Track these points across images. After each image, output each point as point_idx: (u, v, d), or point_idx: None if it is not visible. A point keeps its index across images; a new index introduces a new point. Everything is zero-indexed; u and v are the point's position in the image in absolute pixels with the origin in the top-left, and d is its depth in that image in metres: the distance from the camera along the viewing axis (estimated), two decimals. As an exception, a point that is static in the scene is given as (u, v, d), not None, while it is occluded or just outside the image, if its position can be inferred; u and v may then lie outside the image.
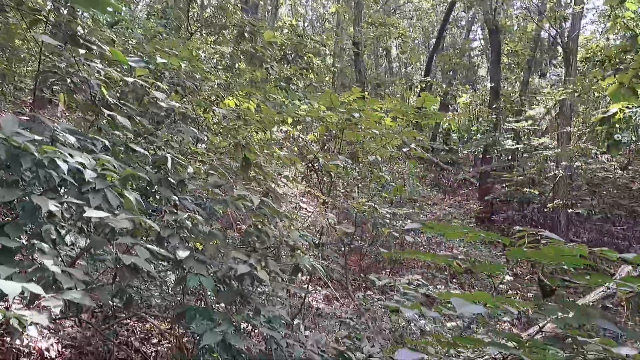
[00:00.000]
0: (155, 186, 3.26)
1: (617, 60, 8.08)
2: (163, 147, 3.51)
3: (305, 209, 6.29)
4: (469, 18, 27.19)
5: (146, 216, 3.15)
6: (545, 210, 14.51)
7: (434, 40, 24.01)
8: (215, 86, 4.46)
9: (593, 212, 15.13)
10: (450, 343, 2.13)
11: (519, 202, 15.86)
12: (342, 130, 6.82)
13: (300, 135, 6.14)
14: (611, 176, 15.45)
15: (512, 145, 16.05)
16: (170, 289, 5.28)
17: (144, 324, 6.28)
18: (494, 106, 17.28)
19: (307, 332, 4.71)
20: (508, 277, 8.64)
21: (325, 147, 6.89)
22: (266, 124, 6.13)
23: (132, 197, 2.66)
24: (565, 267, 3.20)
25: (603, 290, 5.16)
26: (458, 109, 22.53)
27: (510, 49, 19.96)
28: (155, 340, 5.56)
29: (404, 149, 8.01)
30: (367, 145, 7.29)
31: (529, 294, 9.80)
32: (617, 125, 8.95)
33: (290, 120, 6.00)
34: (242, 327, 4.14)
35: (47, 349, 5.00)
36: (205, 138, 3.58)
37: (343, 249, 7.40)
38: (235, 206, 3.50)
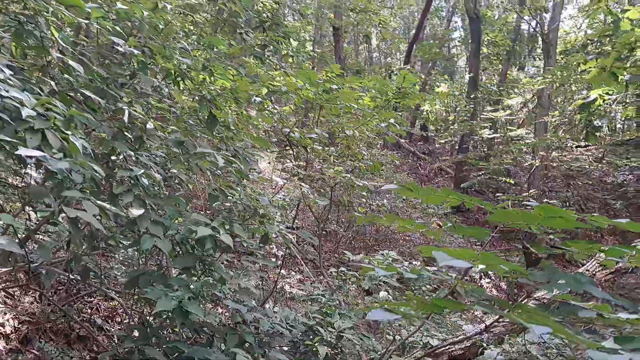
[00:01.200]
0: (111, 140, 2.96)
1: (599, 43, 7.97)
2: (123, 100, 3.20)
3: (277, 181, 6.03)
4: (449, 8, 27.11)
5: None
6: (520, 200, 14.48)
7: (414, 30, 23.80)
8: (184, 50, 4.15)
9: (567, 204, 15.17)
10: (431, 305, 1.91)
11: (494, 191, 15.82)
12: (320, 105, 6.56)
13: (276, 107, 5.86)
14: (586, 167, 15.52)
15: (490, 134, 15.97)
16: (135, 265, 4.99)
17: (109, 302, 5.97)
18: (472, 96, 17.19)
19: (277, 308, 4.47)
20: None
21: (303, 121, 6.63)
22: (240, 95, 5.84)
23: (79, 143, 2.36)
24: (552, 237, 3.02)
25: (582, 271, 5.02)
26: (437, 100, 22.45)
27: (490, 39, 19.89)
28: (119, 319, 5.28)
29: (382, 133, 7.80)
30: (345, 124, 7.04)
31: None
32: (596, 112, 8.85)
33: (265, 91, 5.71)
34: (204, 298, 3.88)
35: (2, 324, 4.68)
36: (166, 89, 3.29)
37: (318, 230, 7.18)
38: (198, 167, 3.22)
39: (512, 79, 19.67)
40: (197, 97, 3.27)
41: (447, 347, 4.46)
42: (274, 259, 8.98)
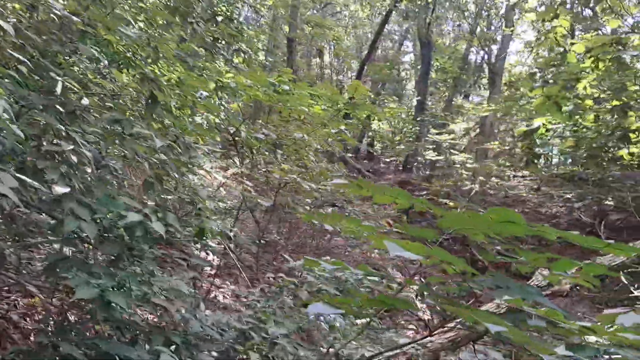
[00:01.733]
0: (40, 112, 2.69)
1: (545, 74, 8.22)
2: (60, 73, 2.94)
3: (218, 179, 5.80)
4: (402, 32, 27.63)
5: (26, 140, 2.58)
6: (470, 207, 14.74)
7: (366, 50, 24.10)
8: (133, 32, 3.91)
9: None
10: (377, 301, 1.78)
11: (433, 214, 16.02)
12: (269, 108, 6.40)
13: (222, 103, 5.65)
14: (524, 195, 15.99)
15: (433, 157, 16.25)
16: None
17: (28, 298, 5.56)
18: (418, 118, 17.51)
19: (209, 312, 4.23)
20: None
21: (250, 123, 6.45)
22: (186, 88, 5.61)
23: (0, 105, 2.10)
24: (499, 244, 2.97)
25: (537, 282, 5.02)
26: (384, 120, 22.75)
27: (440, 65, 20.38)
28: (39, 317, 4.90)
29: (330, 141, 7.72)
30: (295, 130, 6.91)
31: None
32: (539, 140, 9.12)
33: (212, 86, 5.49)
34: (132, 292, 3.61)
35: None
36: (106, 62, 3.04)
37: (257, 236, 6.97)
38: (133, 150, 2.98)
39: (458, 105, 20.17)
40: (138, 76, 3.05)
41: (382, 360, 4.34)
42: (208, 267, 8.67)
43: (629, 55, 6.56)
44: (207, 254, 7.81)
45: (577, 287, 12.82)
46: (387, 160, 21.17)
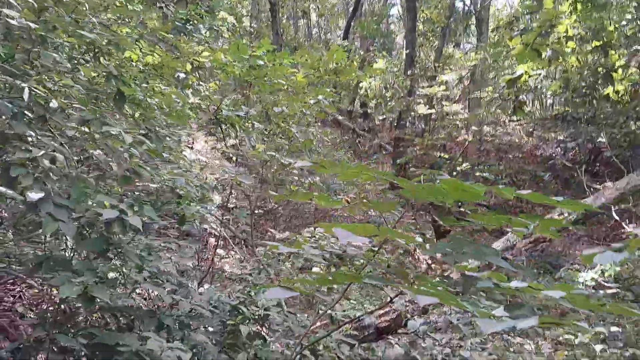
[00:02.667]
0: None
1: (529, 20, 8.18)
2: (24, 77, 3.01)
3: (201, 159, 5.91)
4: (387, -15, 27.14)
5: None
6: (455, 174, 14.86)
7: (352, 7, 23.75)
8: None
9: (500, 177, 15.67)
10: (329, 280, 1.91)
11: (430, 167, 16.14)
12: (249, 83, 6.43)
13: (201, 82, 5.70)
14: (517, 141, 16.08)
15: (426, 110, 16.22)
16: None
17: (33, 289, 5.74)
18: (408, 72, 17.37)
19: (202, 289, 4.40)
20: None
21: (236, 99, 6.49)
22: (164, 71, 5.65)
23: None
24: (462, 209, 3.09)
25: (502, 242, 5.20)
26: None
27: (426, 15, 20.10)
28: (44, 306, 5.09)
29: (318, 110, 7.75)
30: (279, 101, 6.95)
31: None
32: (522, 87, 9.15)
33: (189, 67, 5.54)
34: (122, 283, 3.77)
35: None
36: (69, 65, 3.11)
37: (250, 208, 7.11)
38: (108, 146, 3.08)
39: (448, 55, 19.98)
40: (103, 73, 3.11)
41: (373, 320, 4.54)
42: (212, 239, 8.88)
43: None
44: (205, 228, 8.00)
45: (573, 228, 12.97)
46: (381, 117, 21.12)
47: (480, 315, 1.70)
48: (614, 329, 5.36)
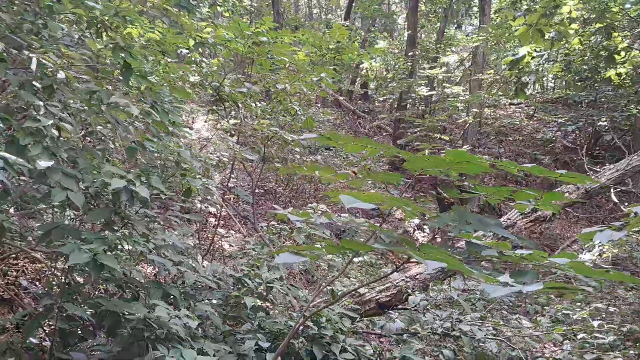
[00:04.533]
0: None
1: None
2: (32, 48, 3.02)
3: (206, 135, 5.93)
4: (389, -35, 26.85)
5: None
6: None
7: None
8: None
9: (499, 159, 15.66)
10: (339, 247, 1.94)
11: (430, 148, 16.13)
12: (252, 60, 6.42)
13: (203, 60, 5.69)
14: (517, 124, 16.07)
15: (427, 92, 16.19)
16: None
17: (36, 263, 5.79)
18: (410, 54, 17.29)
19: (206, 263, 4.46)
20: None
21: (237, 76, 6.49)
22: (167, 47, 5.63)
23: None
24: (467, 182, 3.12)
25: (503, 220, 5.24)
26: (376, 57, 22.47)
27: (429, -4, 19.95)
28: (49, 279, 5.14)
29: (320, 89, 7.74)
30: (281, 79, 6.94)
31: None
32: (524, 69, 9.11)
33: (192, 43, 5.52)
34: (129, 253, 3.82)
35: None
36: (76, 35, 3.11)
37: (252, 187, 7.14)
38: (114, 118, 3.10)
39: (450, 36, 19.89)
40: (110, 46, 3.12)
41: (374, 294, 4.60)
42: (212, 219, 8.94)
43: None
44: (207, 207, 8.04)
45: (573, 209, 13.03)
46: (381, 99, 21.07)
47: (486, 281, 1.74)
48: (611, 309, 5.44)
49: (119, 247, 3.82)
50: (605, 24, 8.61)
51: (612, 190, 10.74)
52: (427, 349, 4.08)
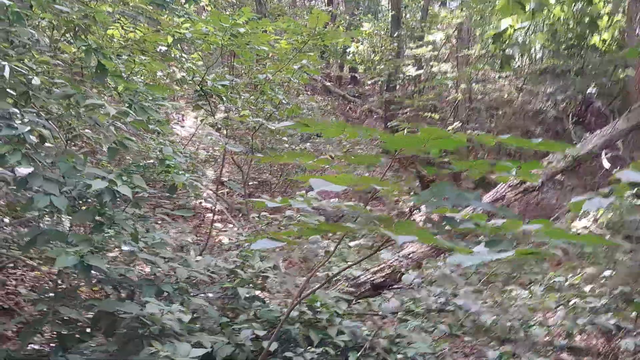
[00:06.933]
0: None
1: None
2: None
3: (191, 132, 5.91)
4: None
5: None
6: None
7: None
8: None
9: (491, 134, 15.67)
10: (317, 229, 1.97)
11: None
12: (232, 52, 6.41)
13: (183, 55, 5.67)
14: (507, 97, 16.04)
15: (414, 71, 16.15)
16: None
17: (35, 271, 5.81)
18: (395, 34, 17.23)
19: (200, 257, 4.48)
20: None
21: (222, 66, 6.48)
22: (146, 45, 5.62)
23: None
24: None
25: (492, 193, 5.28)
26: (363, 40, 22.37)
27: (410, -26, 19.83)
28: (47, 287, 5.16)
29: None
30: (265, 69, 6.93)
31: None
32: (507, 41, 9.09)
33: (170, 40, 5.51)
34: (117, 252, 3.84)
35: None
36: (47, 40, 3.11)
37: (243, 178, 7.16)
38: (92, 119, 3.11)
39: (434, 14, 19.77)
40: (83, 48, 3.12)
41: (368, 277, 4.65)
42: (209, 214, 8.97)
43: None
44: (201, 202, 8.07)
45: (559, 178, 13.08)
46: (370, 82, 21.03)
47: (459, 252, 1.76)
48: (607, 273, 5.49)
49: (115, 247, 3.86)
50: (585, -10, 8.62)
51: (603, 156, 10.79)
52: (423, 325, 4.13)
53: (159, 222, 4.81)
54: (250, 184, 9.44)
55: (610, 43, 12.35)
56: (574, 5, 10.20)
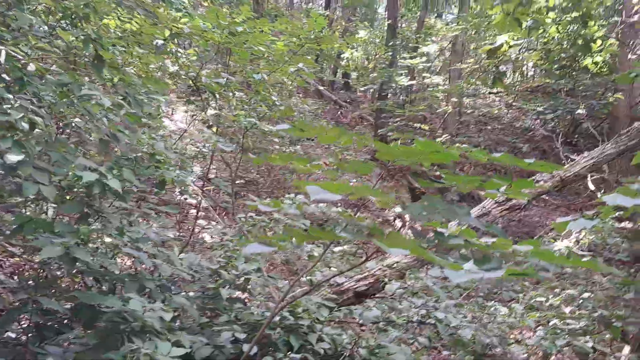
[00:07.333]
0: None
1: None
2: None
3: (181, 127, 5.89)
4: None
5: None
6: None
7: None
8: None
9: (479, 148, 15.84)
10: (307, 235, 1.97)
11: (411, 141, 16.19)
12: (229, 50, 6.39)
13: (179, 50, 5.65)
14: (497, 113, 16.22)
15: (407, 82, 16.24)
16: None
17: (14, 257, 5.73)
18: (390, 43, 17.31)
19: (183, 255, 4.45)
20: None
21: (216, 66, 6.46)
22: (143, 38, 5.58)
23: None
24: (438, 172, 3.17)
25: (478, 209, 5.31)
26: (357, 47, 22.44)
27: (409, -15, 19.97)
28: (28, 274, 5.09)
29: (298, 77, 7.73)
30: (260, 69, 6.92)
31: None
32: (502, 58, 9.20)
33: (167, 34, 5.48)
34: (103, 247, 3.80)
35: None
36: (45, 27, 3.07)
37: (231, 177, 7.13)
38: (86, 110, 3.08)
39: (430, 26, 19.91)
40: (81, 37, 3.09)
41: (352, 284, 4.65)
42: (193, 210, 8.92)
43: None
44: (186, 198, 8.02)
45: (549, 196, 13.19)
46: (362, 89, 21.10)
47: (450, 268, 1.77)
48: (585, 295, 5.55)
49: (99, 240, 3.81)
50: (581, 12, 8.72)
51: (588, 178, 10.89)
52: (404, 336, 4.14)
53: (143, 215, 4.77)
54: (237, 182, 9.42)
55: (602, 66, 12.52)
56: (569, 27, 10.33)
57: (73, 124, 3.68)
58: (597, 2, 8.46)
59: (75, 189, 2.92)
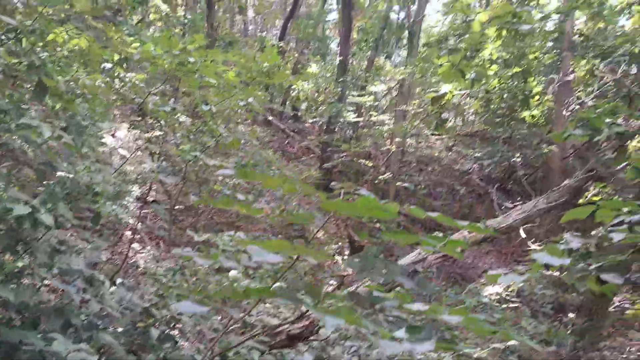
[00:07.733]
0: None
1: (458, 39, 8.57)
2: None
3: (123, 154, 5.76)
4: (326, -11, 27.36)
5: None
6: (377, 182, 15.30)
7: (290, 7, 23.80)
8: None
9: (419, 187, 16.29)
10: (242, 294, 1.96)
11: (355, 172, 16.50)
12: (177, 77, 6.34)
13: (126, 75, 5.55)
14: (437, 155, 16.74)
15: (354, 118, 16.56)
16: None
17: None
18: (340, 79, 17.64)
19: (113, 288, 4.30)
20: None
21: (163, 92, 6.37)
22: (91, 59, 5.46)
23: None
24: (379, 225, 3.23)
25: (415, 255, 5.43)
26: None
27: (361, 25, 20.49)
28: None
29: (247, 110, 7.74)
30: (209, 97, 6.89)
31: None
32: (445, 105, 9.55)
33: (116, 57, 5.39)
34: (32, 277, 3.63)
35: None
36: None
37: (170, 204, 7.00)
38: (25, 138, 2.97)
39: (379, 66, 20.47)
40: (25, 63, 2.99)
41: (286, 326, 4.61)
42: (129, 232, 8.65)
43: (524, 27, 6.96)
44: (120, 224, 7.78)
45: (486, 241, 13.67)
46: (311, 120, 21.32)
47: (382, 337, 1.80)
48: (511, 342, 5.74)
49: (23, 265, 3.64)
50: (522, 68, 9.20)
51: (521, 229, 11.33)
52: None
53: (75, 234, 4.60)
54: (177, 207, 9.24)
55: (538, 119, 13.19)
56: (510, 81, 10.86)
57: (8, 145, 3.53)
58: (537, 60, 8.95)
59: (5, 221, 2.79)
